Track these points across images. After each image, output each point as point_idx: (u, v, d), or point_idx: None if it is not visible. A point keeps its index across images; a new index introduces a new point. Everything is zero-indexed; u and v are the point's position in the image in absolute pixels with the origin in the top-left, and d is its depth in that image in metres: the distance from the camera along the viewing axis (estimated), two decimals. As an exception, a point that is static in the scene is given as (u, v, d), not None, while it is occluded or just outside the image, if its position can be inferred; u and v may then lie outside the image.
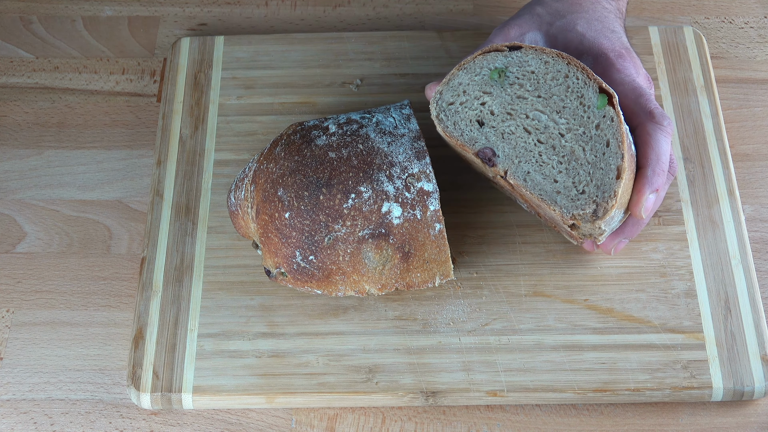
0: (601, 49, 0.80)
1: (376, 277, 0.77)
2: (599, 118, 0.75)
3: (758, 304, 0.81)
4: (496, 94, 0.78)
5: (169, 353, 0.79)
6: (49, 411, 0.79)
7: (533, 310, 0.81)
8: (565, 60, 0.77)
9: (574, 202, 0.75)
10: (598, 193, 0.74)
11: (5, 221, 0.87)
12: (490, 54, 0.78)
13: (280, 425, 0.78)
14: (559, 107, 0.76)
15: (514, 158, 0.76)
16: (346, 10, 0.99)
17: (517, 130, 0.77)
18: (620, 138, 0.74)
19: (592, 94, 0.76)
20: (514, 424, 0.78)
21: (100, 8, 0.99)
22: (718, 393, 0.77)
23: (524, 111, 0.77)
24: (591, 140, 0.75)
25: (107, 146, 0.91)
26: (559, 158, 0.76)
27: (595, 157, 0.75)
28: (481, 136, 0.77)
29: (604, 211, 0.74)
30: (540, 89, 0.77)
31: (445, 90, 0.79)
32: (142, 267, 0.83)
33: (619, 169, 0.74)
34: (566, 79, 0.76)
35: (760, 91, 0.94)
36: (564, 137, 0.76)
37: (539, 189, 0.75)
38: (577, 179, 0.75)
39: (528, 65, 0.78)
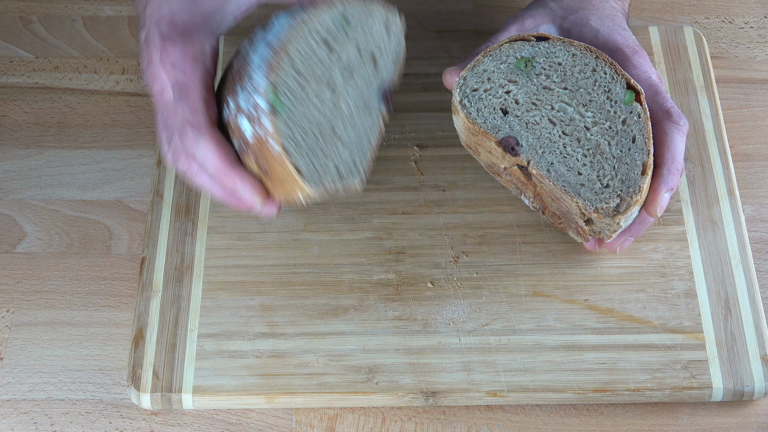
0: (616, 44, 0.80)
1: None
2: (626, 114, 0.76)
3: (758, 304, 0.81)
4: (522, 84, 0.77)
5: (169, 353, 0.79)
6: (49, 411, 0.79)
7: (533, 310, 0.81)
8: (593, 54, 0.77)
9: (598, 195, 0.75)
10: (623, 187, 0.74)
11: (5, 221, 0.87)
12: (516, 43, 0.78)
13: (280, 425, 0.78)
14: (586, 100, 0.76)
15: (538, 148, 0.76)
16: (346, 10, 0.99)
17: (542, 120, 0.77)
18: (647, 135, 0.75)
19: (619, 89, 0.76)
20: (514, 424, 0.78)
21: (100, 8, 0.99)
22: (718, 393, 0.77)
23: (550, 102, 0.77)
24: (617, 135, 0.75)
25: (107, 146, 0.91)
26: (584, 151, 0.76)
27: (621, 151, 0.75)
28: (505, 125, 0.77)
29: (628, 205, 0.74)
30: (567, 81, 0.77)
31: (470, 76, 0.78)
32: (142, 267, 0.83)
33: (645, 165, 0.74)
34: (594, 73, 0.77)
35: (760, 91, 0.94)
36: (590, 130, 0.76)
37: (563, 180, 0.75)
38: (602, 173, 0.75)
39: (555, 56, 0.78)
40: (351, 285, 0.82)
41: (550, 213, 0.81)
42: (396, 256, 0.83)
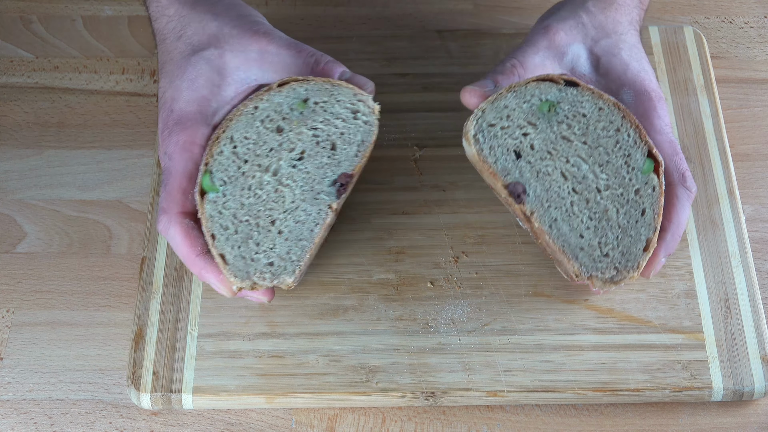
0: (644, 86, 0.77)
1: None
2: (641, 184, 0.73)
3: (758, 304, 0.81)
4: (541, 128, 0.74)
5: (169, 353, 0.79)
6: (49, 411, 0.79)
7: (533, 310, 0.81)
8: (621, 112, 0.74)
9: (596, 263, 0.73)
10: (622, 260, 0.72)
11: (5, 221, 0.87)
12: (544, 83, 0.74)
13: (280, 425, 0.78)
14: (603, 161, 0.73)
15: (545, 201, 0.73)
16: (346, 10, 0.99)
17: (554, 172, 0.74)
18: (657, 210, 0.72)
19: (640, 156, 0.73)
20: (514, 424, 0.78)
21: (100, 8, 0.99)
22: (718, 393, 0.77)
23: (566, 154, 0.74)
24: (627, 204, 0.73)
25: (107, 146, 0.91)
26: (591, 214, 0.73)
27: (628, 222, 0.73)
28: (515, 169, 0.74)
29: (622, 278, 0.72)
30: (588, 136, 0.74)
31: (489, 109, 0.74)
32: (142, 267, 0.83)
33: (649, 242, 0.72)
34: (617, 133, 0.74)
35: (760, 91, 0.94)
36: (601, 193, 0.73)
37: (563, 240, 0.73)
38: (604, 240, 0.73)
39: (581, 106, 0.74)
40: (351, 285, 0.82)
41: (542, 247, 0.79)
42: (396, 256, 0.83)
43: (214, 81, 0.76)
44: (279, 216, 0.73)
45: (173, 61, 0.78)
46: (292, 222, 0.73)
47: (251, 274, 0.73)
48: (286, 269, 0.73)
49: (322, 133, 0.75)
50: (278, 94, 0.75)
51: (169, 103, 0.76)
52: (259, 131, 0.74)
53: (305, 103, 0.75)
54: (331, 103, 0.75)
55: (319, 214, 0.74)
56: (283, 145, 0.74)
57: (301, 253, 0.73)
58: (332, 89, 0.75)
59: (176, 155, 0.74)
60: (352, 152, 0.75)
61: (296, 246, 0.73)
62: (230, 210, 0.73)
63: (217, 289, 0.75)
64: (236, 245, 0.73)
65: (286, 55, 0.77)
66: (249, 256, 0.73)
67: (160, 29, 0.80)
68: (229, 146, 0.74)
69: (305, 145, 0.74)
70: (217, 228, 0.73)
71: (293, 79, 0.75)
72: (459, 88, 0.80)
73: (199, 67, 0.76)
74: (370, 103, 0.75)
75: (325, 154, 0.75)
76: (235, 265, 0.72)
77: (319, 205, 0.74)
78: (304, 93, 0.75)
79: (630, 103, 0.77)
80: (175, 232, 0.74)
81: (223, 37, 0.77)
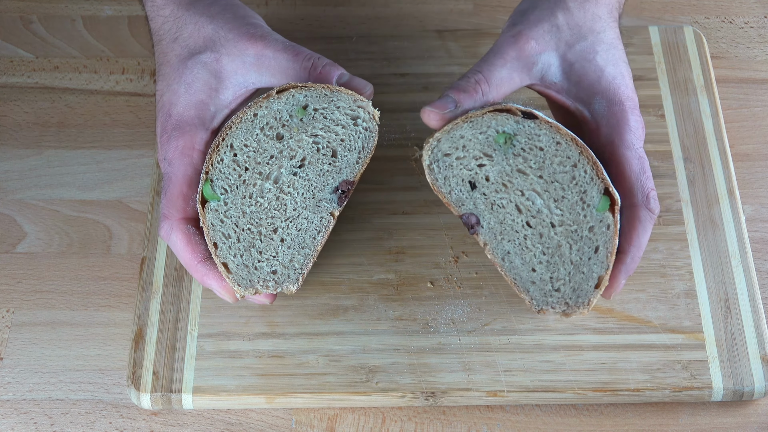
0: (617, 94, 0.75)
1: None
2: (596, 222, 0.72)
3: (758, 304, 0.81)
4: (497, 161, 0.73)
5: (169, 353, 0.79)
6: (49, 411, 0.79)
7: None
8: (578, 148, 0.72)
9: (546, 297, 0.73)
10: (573, 296, 0.73)
11: (5, 221, 0.87)
12: (501, 114, 0.73)
13: (280, 425, 0.78)
14: (558, 196, 0.73)
15: (498, 234, 0.73)
16: (346, 10, 0.99)
17: (508, 205, 0.73)
18: (611, 249, 0.72)
19: (596, 193, 0.72)
20: (514, 424, 0.78)
21: (100, 8, 0.99)
22: (718, 393, 0.77)
23: (521, 187, 0.73)
24: (581, 240, 0.72)
25: (107, 146, 0.91)
26: (544, 248, 0.73)
27: (580, 259, 0.72)
28: (470, 201, 0.74)
29: (573, 313, 0.73)
30: (544, 170, 0.73)
31: (445, 139, 0.73)
32: (142, 267, 0.83)
33: (600, 280, 0.72)
34: (574, 169, 0.72)
35: (760, 91, 0.94)
36: (554, 228, 0.73)
37: (515, 273, 0.73)
38: (556, 275, 0.73)
39: (539, 140, 0.73)
40: (351, 285, 0.82)
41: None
42: (396, 256, 0.83)
43: (212, 85, 0.76)
44: (281, 224, 0.73)
45: (170, 64, 0.77)
46: (294, 230, 0.73)
47: (254, 282, 0.73)
48: (290, 277, 0.73)
49: (323, 140, 0.74)
50: (277, 101, 0.74)
51: (167, 107, 0.76)
52: (259, 139, 0.74)
53: (305, 110, 0.74)
54: (330, 110, 0.74)
55: (321, 222, 0.74)
56: (283, 152, 0.74)
57: (303, 261, 0.73)
58: (331, 95, 0.74)
59: (176, 161, 0.74)
60: (353, 159, 0.75)
61: (299, 254, 0.73)
62: (232, 218, 0.73)
63: (220, 295, 0.75)
64: (239, 254, 0.73)
65: (283, 58, 0.76)
66: (252, 265, 0.73)
67: (156, 29, 0.79)
68: (230, 154, 0.73)
69: (306, 152, 0.74)
70: (219, 237, 0.73)
71: (292, 85, 0.74)
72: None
73: (196, 71, 0.76)
74: (370, 109, 0.75)
75: (326, 161, 0.74)
76: (238, 274, 0.73)
77: (321, 213, 0.74)
78: (303, 100, 0.74)
79: (602, 113, 0.75)
80: (177, 238, 0.74)
81: (219, 41, 0.77)
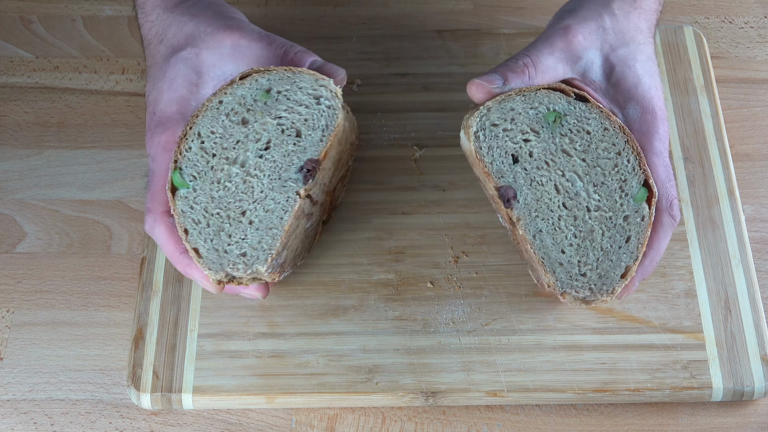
0: (651, 104, 0.76)
1: None
2: (631, 211, 0.73)
3: (758, 304, 0.81)
4: (543, 138, 0.74)
5: (169, 353, 0.79)
6: (49, 411, 0.79)
7: (533, 310, 0.81)
8: (625, 137, 0.73)
9: (572, 281, 0.73)
10: (599, 283, 0.72)
11: (5, 221, 0.87)
12: (554, 93, 0.74)
13: (280, 425, 0.78)
14: (599, 181, 0.73)
15: (533, 210, 0.73)
16: (346, 10, 0.99)
17: (547, 183, 0.73)
18: (642, 240, 0.72)
19: (635, 184, 0.73)
20: (514, 424, 0.78)
21: (100, 8, 0.99)
22: (718, 393, 0.77)
23: (563, 167, 0.74)
24: (614, 228, 0.73)
25: (107, 146, 0.91)
26: (576, 231, 0.73)
27: (611, 246, 0.73)
28: (510, 174, 0.73)
29: (594, 300, 0.72)
30: (588, 153, 0.73)
31: (495, 108, 0.74)
32: (142, 267, 0.83)
33: (627, 270, 0.72)
34: (617, 157, 0.73)
35: (760, 91, 0.94)
36: (590, 213, 0.73)
37: (544, 251, 0.73)
38: (584, 260, 0.73)
39: (587, 123, 0.74)
40: (351, 285, 0.82)
41: (518, 249, 0.79)
42: (396, 256, 0.83)
43: (192, 80, 0.77)
44: (249, 206, 0.74)
45: (156, 65, 0.79)
46: (261, 211, 0.74)
47: (225, 265, 0.73)
48: (258, 258, 0.73)
49: (287, 121, 0.75)
50: (241, 87, 0.76)
51: (152, 105, 0.77)
52: (225, 125, 0.75)
53: (268, 93, 0.76)
54: (293, 91, 0.76)
55: (287, 202, 0.74)
56: (249, 136, 0.75)
57: (272, 241, 0.73)
58: (294, 77, 0.76)
59: (158, 156, 0.75)
60: (317, 137, 0.75)
61: (267, 235, 0.74)
62: (201, 204, 0.74)
63: (202, 285, 0.75)
64: (209, 238, 0.73)
65: (257, 47, 0.78)
66: (222, 248, 0.73)
67: (145, 35, 0.81)
68: (197, 142, 0.75)
69: (271, 134, 0.75)
70: (189, 223, 0.73)
71: (255, 70, 0.76)
72: (459, 88, 0.81)
73: (177, 68, 0.77)
74: (332, 87, 0.76)
75: (290, 142, 0.75)
76: (208, 258, 0.73)
77: (288, 192, 0.74)
78: (266, 83, 0.76)
79: (635, 118, 0.76)
80: (159, 231, 0.75)
81: (199, 36, 0.78)
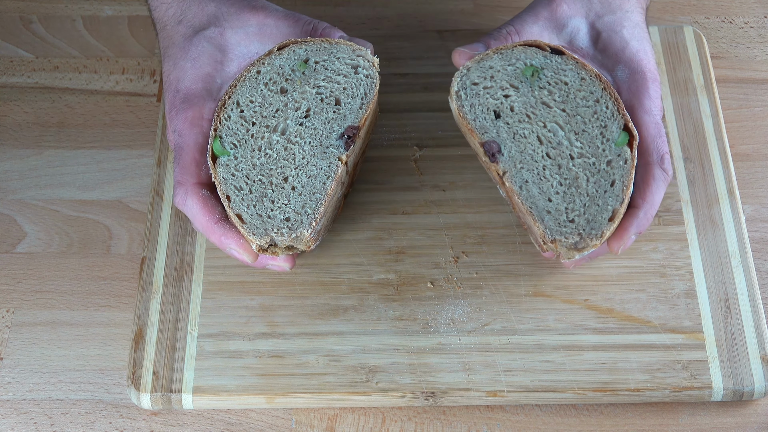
0: (640, 65, 0.78)
1: None
2: (614, 156, 0.74)
3: (758, 304, 0.81)
4: (523, 92, 0.76)
5: (169, 353, 0.79)
6: (49, 411, 0.79)
7: (533, 310, 0.81)
8: (602, 84, 0.75)
9: (561, 227, 0.73)
10: (587, 228, 0.73)
11: (5, 221, 0.87)
12: (530, 48, 0.76)
13: (280, 425, 0.78)
14: (579, 129, 0.75)
15: (518, 162, 0.75)
16: (346, 10, 0.99)
17: (530, 135, 0.75)
18: (626, 182, 0.73)
19: (616, 128, 0.74)
20: (514, 424, 0.78)
21: (100, 8, 0.99)
22: (718, 393, 0.77)
23: (544, 119, 0.75)
24: (598, 173, 0.74)
25: (107, 146, 0.91)
26: (561, 179, 0.74)
27: (596, 191, 0.74)
28: (493, 129, 0.75)
29: (585, 246, 0.73)
30: (567, 103, 0.75)
31: (474, 68, 0.76)
32: (142, 267, 0.83)
33: (614, 213, 0.73)
34: (596, 104, 0.75)
35: (760, 91, 0.94)
36: (573, 160, 0.74)
37: (531, 201, 0.74)
38: (571, 206, 0.74)
39: (564, 75, 0.76)
40: (351, 285, 0.82)
41: (516, 213, 0.80)
42: (396, 256, 0.83)
43: (217, 58, 0.78)
44: (291, 173, 0.75)
45: (175, 45, 0.79)
46: (304, 177, 0.75)
47: (269, 230, 0.74)
48: (303, 222, 0.74)
49: (326, 90, 0.76)
50: (279, 57, 0.77)
51: (175, 83, 0.78)
52: (264, 94, 0.76)
53: (306, 64, 0.77)
54: (331, 61, 0.77)
55: (330, 167, 0.75)
56: (288, 105, 0.76)
57: (315, 206, 0.74)
58: (331, 48, 0.77)
59: (186, 131, 0.76)
60: (356, 105, 0.76)
61: (310, 199, 0.74)
62: (243, 171, 0.75)
63: (239, 255, 0.76)
64: (252, 204, 0.74)
65: (284, 26, 0.79)
66: (265, 214, 0.74)
67: (160, 17, 0.81)
68: (236, 111, 0.76)
69: (310, 103, 0.76)
70: (232, 189, 0.74)
71: (292, 41, 0.77)
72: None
73: (201, 46, 0.78)
74: (369, 57, 0.77)
75: (330, 110, 0.76)
76: (252, 224, 0.74)
77: (329, 159, 0.75)
78: (303, 54, 0.77)
79: (624, 80, 0.78)
80: (192, 202, 0.75)
81: (222, 16, 0.79)
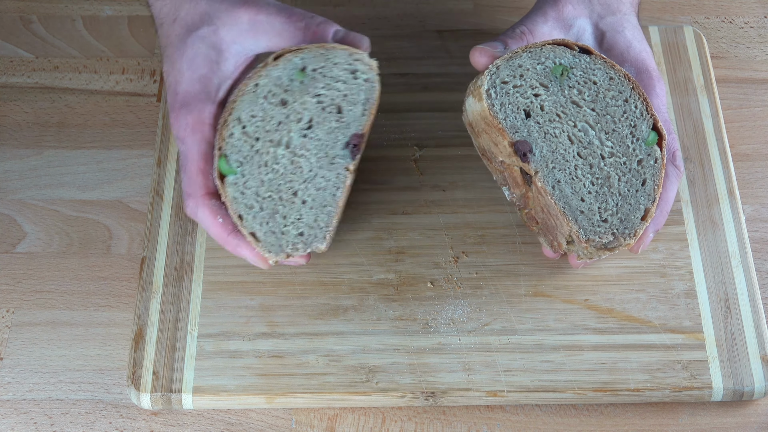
0: (644, 64, 0.79)
1: None
2: (644, 155, 0.74)
3: (758, 304, 0.81)
4: (552, 91, 0.76)
5: (169, 353, 0.79)
6: (49, 411, 0.79)
7: (533, 310, 0.81)
8: (630, 84, 0.75)
9: (594, 227, 0.74)
10: (620, 227, 0.73)
11: (5, 221, 0.87)
12: (559, 47, 0.76)
13: (280, 425, 0.78)
14: (610, 129, 0.75)
15: (550, 162, 0.74)
16: (346, 10, 0.99)
17: (561, 135, 0.75)
18: (657, 181, 0.74)
19: (645, 128, 0.75)
20: (514, 424, 0.78)
21: (100, 8, 0.99)
22: (718, 393, 0.77)
23: (574, 118, 0.75)
24: (629, 173, 0.74)
25: (107, 146, 0.91)
26: (593, 179, 0.74)
27: (628, 190, 0.74)
28: (524, 128, 0.75)
29: (618, 245, 0.74)
30: (597, 103, 0.75)
31: (504, 66, 0.76)
32: (142, 267, 0.83)
33: (647, 212, 0.73)
34: (625, 104, 0.75)
35: (760, 91, 0.94)
36: (605, 160, 0.74)
37: (564, 201, 0.74)
38: (604, 206, 0.74)
39: (593, 74, 0.76)
40: (351, 285, 0.82)
41: (529, 215, 0.79)
42: (396, 256, 0.83)
43: (212, 58, 0.77)
44: (300, 186, 0.75)
45: (172, 45, 0.79)
46: (313, 190, 0.75)
47: (284, 247, 0.74)
48: (317, 236, 0.74)
49: (326, 99, 0.76)
50: (275, 68, 0.76)
51: (173, 86, 0.77)
52: (264, 107, 0.75)
53: (303, 72, 0.76)
54: (328, 68, 0.76)
55: (338, 178, 0.75)
56: (290, 116, 0.75)
57: (327, 219, 0.74)
58: (327, 53, 0.76)
59: (188, 138, 0.76)
60: (358, 112, 0.76)
61: (322, 212, 0.74)
62: (251, 189, 0.74)
63: (254, 263, 0.76)
64: (264, 221, 0.74)
65: (277, 21, 0.78)
66: (279, 230, 0.74)
67: (157, 14, 0.81)
68: (239, 127, 0.75)
69: (311, 113, 0.75)
70: (243, 208, 0.74)
71: (287, 50, 0.76)
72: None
73: (196, 47, 0.77)
74: (367, 60, 0.76)
75: (332, 119, 0.75)
76: (267, 242, 0.74)
77: (337, 169, 0.75)
78: (300, 62, 0.76)
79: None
80: (204, 214, 0.75)
81: (215, 14, 0.78)
